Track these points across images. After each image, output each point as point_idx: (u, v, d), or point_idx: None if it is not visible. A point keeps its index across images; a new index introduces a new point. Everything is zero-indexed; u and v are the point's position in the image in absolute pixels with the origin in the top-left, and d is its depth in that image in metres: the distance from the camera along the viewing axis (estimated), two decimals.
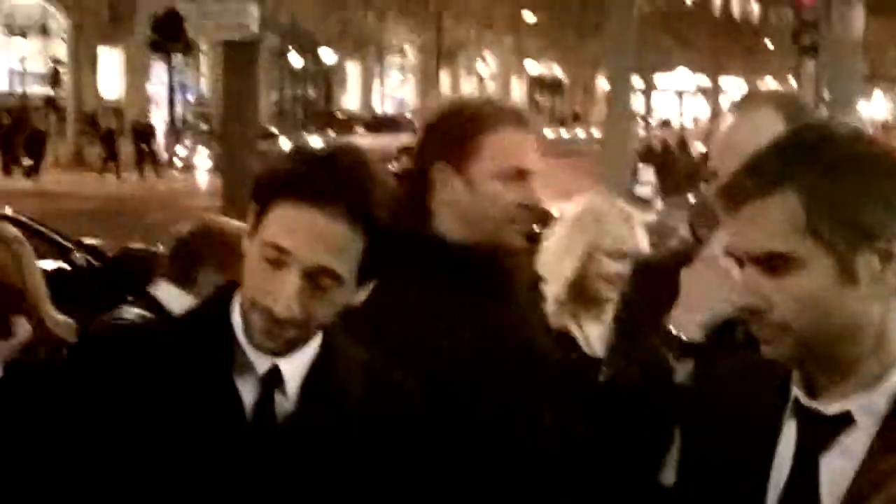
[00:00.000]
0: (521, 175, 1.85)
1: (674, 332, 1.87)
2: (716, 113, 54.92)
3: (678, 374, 1.84)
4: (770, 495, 1.34)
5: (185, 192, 24.43)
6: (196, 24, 8.47)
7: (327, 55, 47.99)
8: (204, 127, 34.08)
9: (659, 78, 57.11)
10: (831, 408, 1.32)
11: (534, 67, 51.78)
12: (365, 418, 1.55)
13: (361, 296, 1.53)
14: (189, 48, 36.19)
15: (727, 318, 1.80)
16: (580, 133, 52.00)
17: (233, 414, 1.48)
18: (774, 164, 1.31)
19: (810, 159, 1.30)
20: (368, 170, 1.49)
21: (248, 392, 1.50)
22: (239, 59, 8.39)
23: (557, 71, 63.10)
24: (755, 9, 73.75)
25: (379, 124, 33.90)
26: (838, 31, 12.78)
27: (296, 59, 49.63)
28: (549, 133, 50.04)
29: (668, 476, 1.87)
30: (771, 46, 62.50)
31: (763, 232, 1.29)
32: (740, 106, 1.99)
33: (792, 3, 15.99)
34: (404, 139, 34.38)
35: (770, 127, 1.83)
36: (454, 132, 1.87)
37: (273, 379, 1.50)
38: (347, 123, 34.67)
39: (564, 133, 52.32)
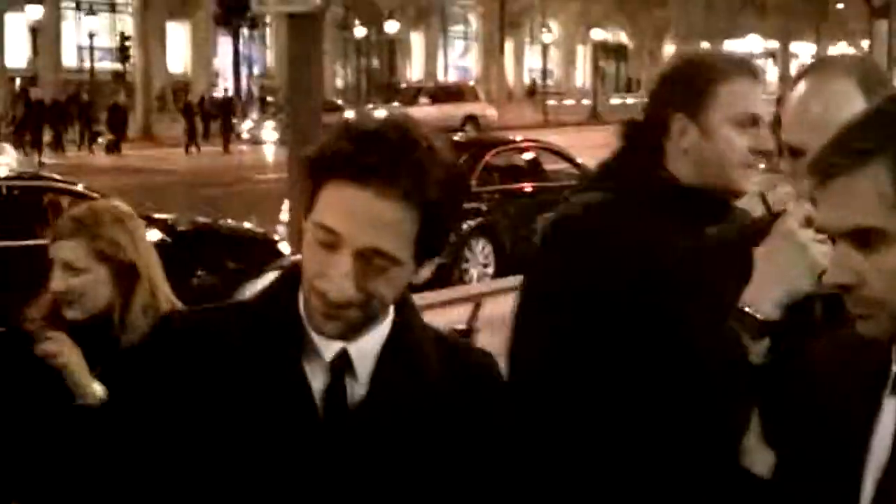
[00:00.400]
0: (753, 121, 1.94)
1: (748, 310, 1.76)
2: (784, 77, 53.89)
3: (753, 353, 1.75)
4: (868, 477, 1.31)
5: (254, 165, 24.59)
6: None
7: (391, 26, 47.87)
8: (270, 100, 34.25)
9: (728, 44, 56.03)
10: None
11: (598, 34, 51.06)
12: (442, 399, 1.50)
13: (425, 273, 1.48)
14: (255, 22, 36.38)
15: (805, 295, 1.75)
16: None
17: (302, 401, 1.43)
18: (863, 136, 1.27)
19: None
20: (420, 144, 1.40)
21: (317, 379, 1.45)
22: (303, 31, 8.33)
23: (623, 38, 62.30)
24: None
25: (443, 94, 33.72)
26: None
27: (359, 31, 49.67)
28: (614, 100, 49.58)
29: (748, 459, 1.84)
30: (842, 6, 60.99)
31: (853, 207, 1.26)
32: (811, 74, 1.93)
33: None
34: (468, 108, 34.46)
35: (845, 98, 1.80)
36: (690, 83, 1.97)
37: (342, 363, 1.45)
38: (411, 94, 34.52)
39: (630, 100, 51.72)
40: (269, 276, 2.66)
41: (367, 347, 1.47)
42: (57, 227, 2.56)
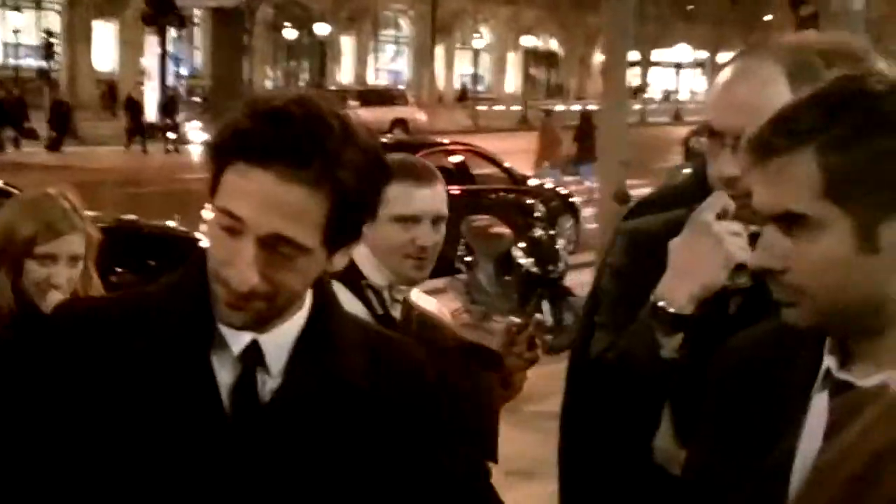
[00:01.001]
0: None
1: (661, 304, 1.72)
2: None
3: (665, 348, 1.72)
4: (795, 475, 1.26)
5: (181, 165, 24.24)
6: None
7: (321, 28, 47.62)
8: (196, 100, 33.79)
9: (656, 53, 56.68)
10: (867, 380, 1.23)
11: (529, 41, 51.36)
12: (363, 395, 1.40)
13: (340, 262, 1.38)
14: (182, 21, 35.92)
15: (720, 290, 1.71)
16: (575, 107, 51.78)
17: (208, 396, 1.35)
18: (801, 118, 1.23)
19: (838, 115, 1.21)
20: (331, 123, 1.29)
21: (226, 373, 1.36)
22: (227, 26, 8.22)
23: (553, 45, 62.74)
24: None
25: (372, 97, 33.54)
26: (838, 2, 12.62)
27: (290, 33, 49.34)
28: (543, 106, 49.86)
29: (661, 457, 1.82)
30: (770, 17, 62.09)
31: (783, 190, 1.23)
32: (740, 58, 1.87)
33: None
34: (398, 112, 34.33)
35: (772, 83, 1.74)
36: None
37: (253, 356, 1.36)
38: (340, 96, 34.27)
39: (559, 106, 52.11)
40: None
41: (279, 339, 1.38)
42: (55, 223, 2.60)
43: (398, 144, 14.86)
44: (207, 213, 9.59)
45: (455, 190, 12.55)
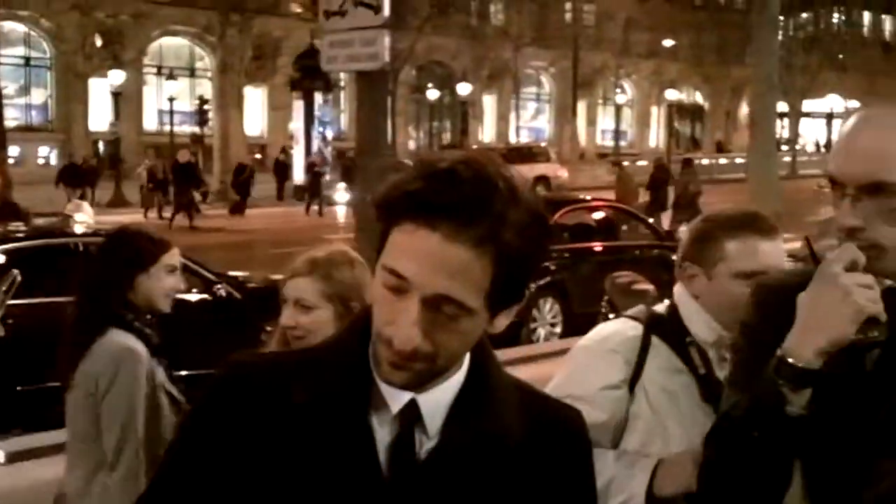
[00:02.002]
0: None
1: (789, 359, 1.64)
2: None
3: (793, 405, 1.64)
4: None
5: (328, 225, 24.80)
6: (328, 55, 8.47)
7: (463, 88, 48.27)
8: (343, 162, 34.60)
9: (807, 104, 55.26)
10: None
11: (673, 94, 50.88)
12: (519, 456, 1.39)
13: (502, 323, 1.37)
14: (329, 85, 36.94)
15: (850, 345, 1.62)
16: (722, 160, 50.91)
17: (366, 455, 1.34)
18: None
19: None
20: (497, 184, 1.28)
21: (384, 431, 1.36)
22: (371, 89, 8.34)
23: (698, 98, 61.99)
24: None
25: (514, 155, 33.72)
26: None
27: (432, 93, 50.17)
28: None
29: None
30: None
31: None
32: (863, 110, 1.81)
33: None
34: (540, 169, 34.40)
35: (894, 130, 1.69)
36: None
37: (411, 415, 1.36)
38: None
39: (704, 160, 51.30)
40: None
41: (438, 399, 1.37)
42: (293, 267, 2.69)
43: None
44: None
45: (598, 246, 12.44)
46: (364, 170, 8.85)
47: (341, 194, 30.62)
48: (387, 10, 8.08)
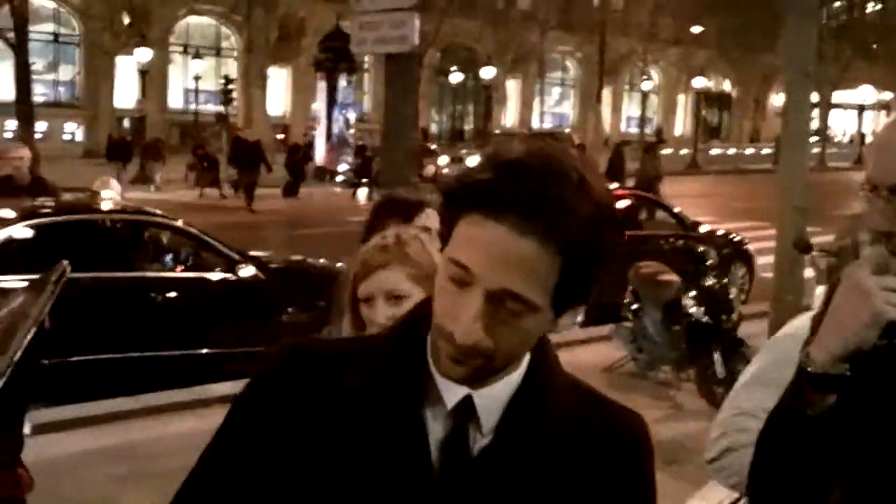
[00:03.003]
0: None
1: (806, 365, 1.61)
2: None
3: (815, 408, 1.62)
4: None
5: (348, 207, 24.79)
6: (358, 37, 8.42)
7: (487, 72, 48.14)
8: (363, 144, 34.56)
9: (837, 95, 54.66)
10: None
11: (700, 82, 50.54)
12: (574, 459, 1.37)
13: (566, 323, 1.35)
14: (353, 68, 36.88)
15: (875, 348, 1.58)
16: (748, 151, 50.60)
17: (417, 450, 1.32)
18: None
19: None
20: (568, 177, 1.25)
21: (438, 426, 1.34)
22: (399, 71, 8.29)
23: (726, 86, 61.56)
24: None
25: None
26: None
27: (455, 77, 50.03)
28: (715, 150, 48.92)
29: None
30: None
31: None
32: None
33: None
34: None
35: None
36: None
37: (465, 412, 1.33)
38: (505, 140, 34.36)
39: (731, 150, 50.98)
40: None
41: (495, 396, 1.34)
42: (363, 261, 2.50)
43: None
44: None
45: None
46: (390, 152, 8.81)
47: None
48: None
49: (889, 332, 1.56)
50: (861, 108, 65.63)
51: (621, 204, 13.20)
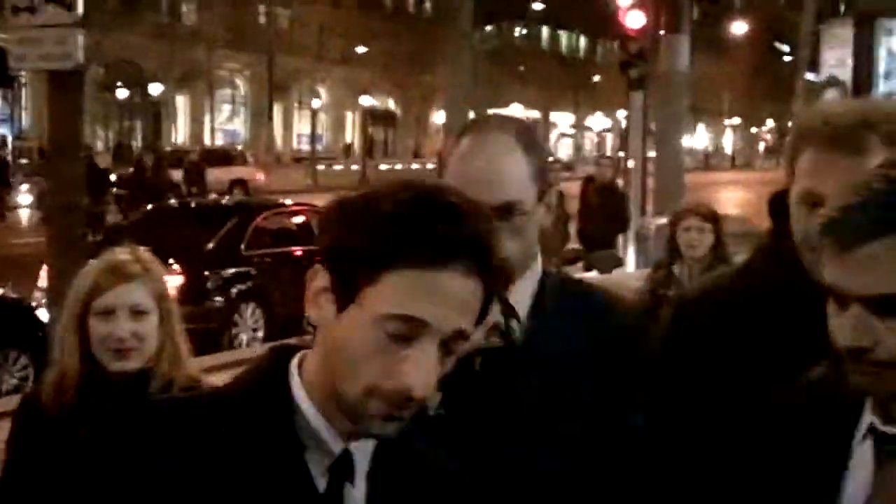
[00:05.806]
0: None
1: None
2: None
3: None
4: None
5: (9, 230, 23.32)
6: (17, 53, 8.06)
7: (154, 88, 46.81)
8: (24, 162, 32.66)
9: (491, 113, 57.80)
10: None
11: (367, 100, 51.76)
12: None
13: (465, 347, 1.34)
14: (10, 82, 34.78)
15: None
16: (414, 166, 52.41)
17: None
18: (891, 204, 1.31)
19: None
20: (485, 214, 1.30)
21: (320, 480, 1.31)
22: (64, 89, 8.01)
23: (391, 104, 63.44)
24: (583, 44, 76.17)
25: (210, 158, 32.98)
26: (665, 64, 13.23)
27: (122, 93, 48.32)
28: (383, 165, 50.30)
29: None
30: (599, 78, 64.56)
31: (879, 274, 1.30)
32: (470, 133, 1.92)
33: (619, 37, 16.52)
34: (237, 172, 33.91)
35: (507, 150, 1.84)
36: None
37: (343, 466, 1.31)
38: (176, 157, 33.42)
39: (398, 165, 52.62)
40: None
41: (366, 447, 1.34)
42: (96, 275, 2.46)
43: (240, 206, 14.72)
44: (43, 280, 9.15)
45: (298, 251, 12.51)
46: (58, 173, 8.48)
47: (23, 195, 28.92)
48: (80, 8, 7.79)
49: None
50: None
51: (297, 219, 13.37)
